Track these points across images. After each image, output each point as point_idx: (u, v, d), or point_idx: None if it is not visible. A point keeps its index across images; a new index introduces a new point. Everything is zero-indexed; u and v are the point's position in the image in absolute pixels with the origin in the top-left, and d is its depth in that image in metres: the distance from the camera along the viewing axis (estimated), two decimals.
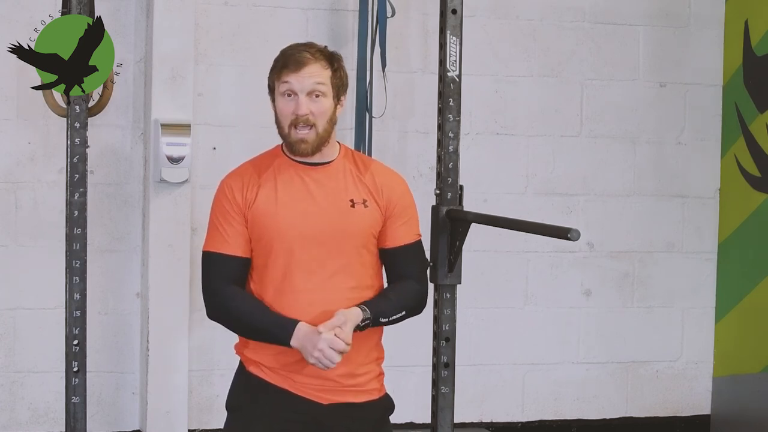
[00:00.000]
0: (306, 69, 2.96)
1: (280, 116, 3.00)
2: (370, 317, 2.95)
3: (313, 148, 2.98)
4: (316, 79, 2.96)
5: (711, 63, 5.41)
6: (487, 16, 5.15)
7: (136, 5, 4.81)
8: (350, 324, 2.90)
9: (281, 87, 2.98)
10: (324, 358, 2.85)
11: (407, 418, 5.07)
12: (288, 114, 2.97)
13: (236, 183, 3.03)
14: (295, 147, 2.98)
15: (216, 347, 4.87)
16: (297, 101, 2.95)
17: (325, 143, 3.01)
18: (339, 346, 2.86)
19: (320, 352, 2.85)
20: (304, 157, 3.00)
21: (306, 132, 2.96)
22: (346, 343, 2.87)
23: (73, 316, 4.03)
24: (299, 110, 2.95)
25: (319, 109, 2.97)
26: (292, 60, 2.98)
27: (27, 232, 4.76)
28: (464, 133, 4.86)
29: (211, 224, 3.04)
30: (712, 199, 5.45)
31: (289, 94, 2.97)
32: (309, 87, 2.96)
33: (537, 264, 5.29)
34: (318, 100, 2.97)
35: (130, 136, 4.85)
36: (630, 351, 5.41)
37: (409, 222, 3.10)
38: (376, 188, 3.05)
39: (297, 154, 2.99)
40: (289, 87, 2.96)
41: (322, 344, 2.85)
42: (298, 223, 2.97)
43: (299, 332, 2.90)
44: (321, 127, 2.97)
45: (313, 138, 2.97)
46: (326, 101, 2.98)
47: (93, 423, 4.75)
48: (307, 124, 2.95)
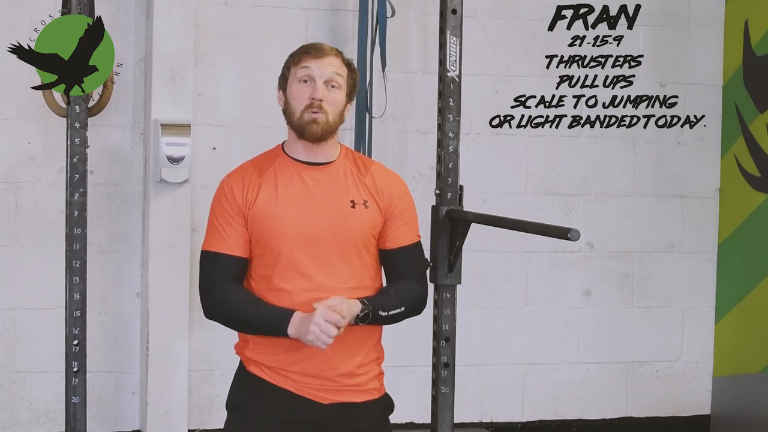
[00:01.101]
0: (327, 58, 3.00)
1: (292, 101, 3.00)
2: (369, 309, 2.94)
3: (323, 131, 2.98)
4: (335, 69, 2.99)
5: (711, 63, 5.41)
6: (487, 16, 5.15)
7: (136, 5, 4.81)
8: (346, 307, 2.89)
9: (299, 73, 2.99)
10: (320, 332, 2.83)
11: (407, 418, 5.07)
12: (303, 98, 2.98)
13: (236, 183, 3.03)
14: (306, 128, 2.98)
15: (216, 347, 4.88)
16: (314, 87, 2.97)
17: (332, 134, 3.02)
18: (333, 317, 2.84)
19: (316, 325, 2.83)
20: (312, 141, 2.99)
21: (318, 114, 2.97)
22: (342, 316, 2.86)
23: (73, 316, 4.03)
24: (315, 94, 2.96)
25: (333, 98, 2.99)
26: (314, 47, 3.02)
27: (27, 232, 4.76)
28: (464, 133, 4.86)
29: (210, 224, 3.04)
30: (712, 199, 5.45)
31: (306, 80, 2.98)
32: (328, 75, 2.98)
33: (537, 264, 5.29)
34: (333, 91, 2.99)
35: (130, 136, 4.85)
36: (630, 351, 5.42)
37: (409, 223, 3.10)
38: (376, 189, 3.05)
39: (306, 136, 2.98)
40: (308, 72, 2.98)
41: (317, 317, 2.84)
42: (297, 223, 2.97)
43: (295, 319, 2.89)
44: (332, 116, 2.99)
45: (324, 121, 2.97)
46: (341, 94, 3.01)
47: (93, 423, 4.75)
48: (321, 109, 2.97)
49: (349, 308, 2.90)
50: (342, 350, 2.96)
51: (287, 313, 2.91)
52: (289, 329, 2.90)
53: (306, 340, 2.86)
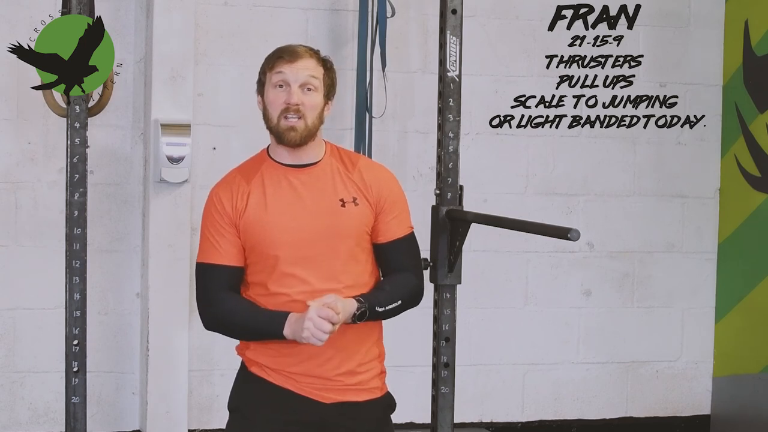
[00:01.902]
0: (301, 61, 2.97)
1: (269, 107, 2.99)
2: (365, 307, 2.94)
3: (301, 137, 2.96)
4: (309, 72, 2.97)
5: (711, 63, 5.41)
6: (487, 16, 5.15)
7: (136, 5, 4.81)
8: (341, 304, 2.88)
9: (274, 78, 2.98)
10: (314, 327, 2.82)
11: (407, 418, 5.07)
12: (279, 104, 2.96)
13: (225, 193, 3.01)
14: (284, 135, 2.96)
15: (216, 347, 4.87)
16: (289, 91, 2.95)
17: (312, 138, 2.99)
18: (326, 312, 2.83)
19: (309, 321, 2.83)
20: (292, 147, 2.98)
21: (296, 120, 2.95)
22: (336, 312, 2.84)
23: (73, 316, 4.03)
24: (291, 99, 2.94)
25: (310, 101, 2.96)
26: (287, 51, 2.99)
27: (27, 232, 4.76)
28: (464, 133, 4.86)
29: (203, 235, 3.03)
30: (712, 199, 5.45)
31: (281, 85, 2.97)
32: (302, 79, 2.96)
33: (537, 264, 5.29)
34: (309, 94, 2.97)
35: (130, 136, 4.85)
36: (630, 351, 5.42)
37: (400, 215, 3.08)
38: (365, 185, 3.04)
39: (285, 143, 2.97)
40: (283, 77, 2.96)
41: (310, 313, 2.83)
42: (289, 227, 2.96)
43: (290, 319, 2.89)
44: (310, 120, 2.96)
45: (303, 127, 2.96)
46: (317, 96, 2.98)
47: (93, 423, 4.75)
48: (297, 113, 2.95)
49: (344, 306, 2.89)
50: (342, 348, 2.96)
51: (282, 315, 2.91)
52: (284, 330, 2.90)
53: (301, 338, 2.85)
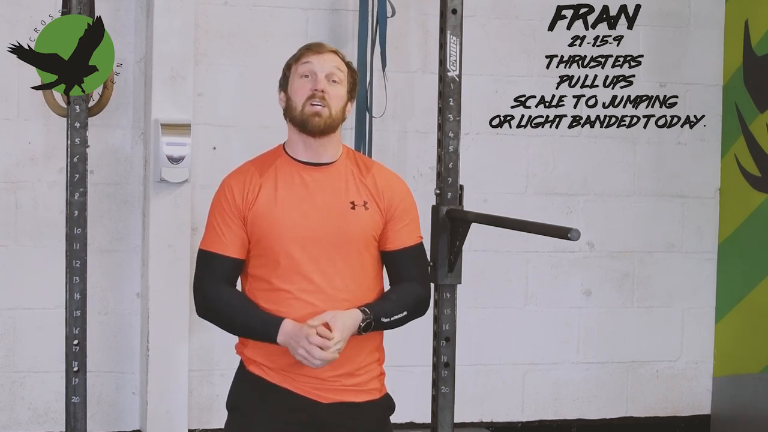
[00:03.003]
0: (327, 54, 3.03)
1: (294, 96, 3.01)
2: (371, 318, 2.95)
3: (325, 124, 2.98)
4: (336, 64, 3.02)
5: (711, 63, 5.41)
6: (487, 16, 5.15)
7: (136, 5, 4.81)
8: (340, 322, 2.89)
9: (300, 69, 3.01)
10: (308, 355, 2.85)
11: (407, 418, 5.07)
12: (305, 91, 2.98)
13: (237, 184, 3.03)
14: (308, 121, 2.98)
15: (216, 347, 4.87)
16: (315, 79, 2.99)
17: (334, 131, 3.02)
18: (318, 341, 2.84)
19: (303, 349, 2.85)
20: (314, 135, 2.99)
21: (321, 107, 2.97)
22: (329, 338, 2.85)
23: (73, 316, 4.03)
24: (317, 86, 2.97)
25: (335, 92, 3.00)
26: (315, 44, 3.07)
27: (27, 232, 4.76)
28: (464, 133, 4.86)
29: (209, 223, 3.05)
30: (712, 199, 5.45)
31: (308, 75, 3.00)
32: (328, 69, 3.00)
33: (537, 264, 5.29)
34: (335, 85, 3.00)
35: (130, 136, 4.85)
36: (630, 351, 5.42)
37: (411, 225, 3.10)
38: (377, 190, 3.05)
39: (309, 128, 2.98)
40: (310, 68, 3.00)
41: (303, 341, 2.85)
42: (297, 224, 2.97)
43: (285, 328, 2.90)
44: (334, 109, 2.99)
45: (327, 114, 2.98)
46: (342, 88, 3.02)
47: (93, 423, 4.75)
48: (323, 100, 2.97)
49: (345, 322, 2.90)
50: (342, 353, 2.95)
51: (276, 321, 2.92)
52: (278, 338, 2.91)
53: (296, 356, 2.88)
